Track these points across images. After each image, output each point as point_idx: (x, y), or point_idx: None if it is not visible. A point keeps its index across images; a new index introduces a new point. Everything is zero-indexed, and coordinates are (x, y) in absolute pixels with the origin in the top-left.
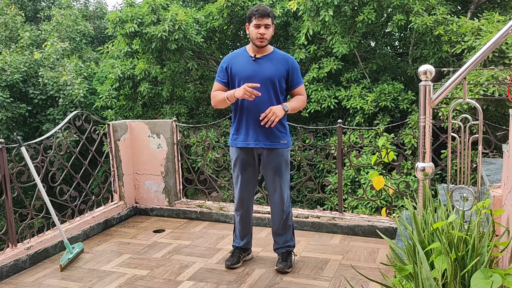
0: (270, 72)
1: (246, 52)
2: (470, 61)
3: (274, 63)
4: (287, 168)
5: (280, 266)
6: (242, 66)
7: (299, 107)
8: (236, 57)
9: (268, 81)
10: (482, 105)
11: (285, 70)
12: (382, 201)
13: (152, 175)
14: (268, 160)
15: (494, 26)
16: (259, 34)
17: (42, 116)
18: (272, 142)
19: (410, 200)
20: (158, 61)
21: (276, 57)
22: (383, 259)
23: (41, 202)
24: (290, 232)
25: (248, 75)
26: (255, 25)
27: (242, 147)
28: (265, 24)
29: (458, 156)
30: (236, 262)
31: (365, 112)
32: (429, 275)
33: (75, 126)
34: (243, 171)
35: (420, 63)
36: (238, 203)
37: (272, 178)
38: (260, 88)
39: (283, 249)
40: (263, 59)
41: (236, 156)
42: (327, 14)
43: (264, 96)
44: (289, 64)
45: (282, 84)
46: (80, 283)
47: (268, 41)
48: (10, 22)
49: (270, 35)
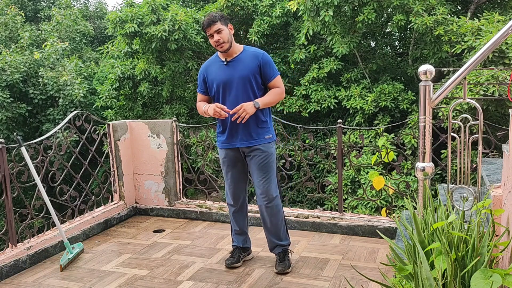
0: (243, 72)
1: (218, 58)
2: (470, 61)
3: (246, 62)
4: (273, 163)
5: (280, 269)
6: (216, 73)
7: (274, 100)
8: (209, 66)
9: (243, 81)
10: (482, 105)
11: (256, 66)
12: (382, 201)
13: (152, 175)
14: (253, 157)
15: (494, 26)
16: (215, 42)
17: (42, 116)
18: (255, 140)
19: (410, 200)
20: (158, 61)
21: (246, 55)
22: (383, 259)
23: (41, 202)
24: (282, 230)
25: (223, 80)
26: (209, 35)
27: (227, 148)
28: (215, 30)
29: (458, 156)
30: (236, 262)
31: (365, 112)
32: (429, 275)
33: (75, 126)
34: (232, 169)
35: (420, 63)
36: (231, 199)
37: (257, 174)
38: (237, 89)
39: (279, 249)
40: (234, 61)
41: (224, 156)
42: (327, 14)
43: (242, 96)
44: (259, 59)
45: (257, 79)
46: (80, 283)
47: (228, 43)
48: (10, 22)
49: (226, 37)
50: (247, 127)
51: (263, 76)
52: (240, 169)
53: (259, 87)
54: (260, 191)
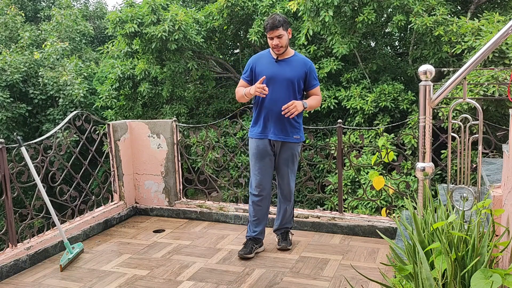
0: (289, 73)
1: (269, 54)
2: (470, 61)
3: (294, 66)
4: (295, 161)
5: (282, 245)
6: (265, 67)
7: (315, 105)
8: (261, 58)
9: (287, 81)
10: (482, 105)
11: (303, 73)
12: (382, 201)
13: (152, 175)
14: (281, 152)
15: (494, 26)
16: (273, 45)
17: (42, 116)
18: (286, 136)
19: (410, 200)
20: (158, 61)
21: (296, 60)
22: (383, 259)
23: (41, 202)
24: (290, 214)
25: (270, 75)
26: (269, 38)
27: (259, 138)
28: (277, 35)
29: (458, 156)
30: (249, 252)
31: (365, 112)
32: (429, 275)
33: (75, 126)
34: (261, 160)
35: (420, 63)
36: (256, 187)
37: (282, 167)
38: (280, 87)
39: (281, 230)
40: (284, 62)
41: (255, 146)
42: (327, 15)
43: (283, 94)
44: (307, 67)
45: (300, 84)
46: (80, 283)
47: (285, 48)
48: (10, 22)
49: (285, 42)
50: (281, 123)
51: (307, 83)
52: (268, 161)
53: (299, 91)
54: (283, 182)
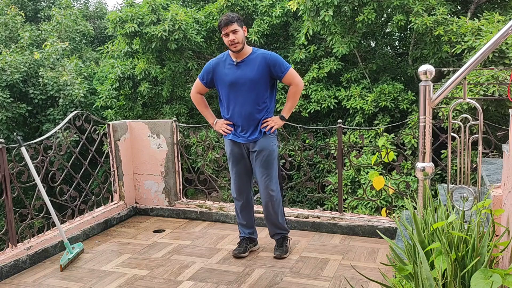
0: (251, 74)
1: (229, 57)
2: (470, 61)
3: (255, 64)
4: (273, 162)
5: (277, 254)
6: (225, 73)
7: (294, 102)
8: (220, 63)
9: (251, 83)
10: (482, 105)
11: (266, 68)
12: (382, 201)
13: (152, 175)
14: (256, 154)
15: (494, 26)
16: (230, 41)
17: (42, 116)
18: (258, 135)
19: (410, 200)
20: (158, 61)
21: (256, 57)
22: (383, 259)
23: (41, 202)
24: (281, 218)
25: (232, 81)
26: (224, 34)
27: (233, 141)
28: (231, 30)
29: (458, 156)
30: (243, 252)
31: (365, 112)
32: (429, 275)
33: (75, 126)
34: (236, 164)
35: (420, 63)
36: (235, 191)
37: (257, 171)
38: (246, 90)
39: (278, 236)
40: (244, 63)
41: (229, 151)
42: (327, 14)
43: (250, 96)
44: (267, 60)
45: (267, 81)
46: (80, 283)
47: (242, 44)
48: (10, 22)
49: (241, 38)
50: (251, 125)
51: (274, 75)
52: (243, 165)
53: (267, 88)
54: (260, 187)
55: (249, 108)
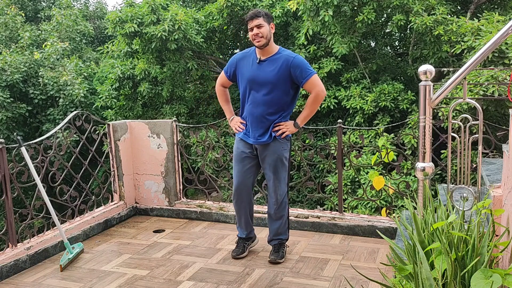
0: (271, 75)
1: (254, 53)
2: (470, 61)
3: (276, 65)
4: (283, 166)
5: (272, 258)
6: (247, 69)
7: (311, 111)
8: (244, 58)
9: (269, 84)
10: (482, 105)
11: (287, 71)
12: (382, 201)
13: (152, 175)
14: (265, 157)
15: (494, 26)
16: (253, 35)
17: (42, 116)
18: (268, 139)
19: (410, 200)
20: (158, 61)
21: (279, 58)
22: (383, 259)
23: (41, 202)
24: (285, 224)
25: (251, 78)
26: (249, 28)
27: (241, 139)
28: (256, 24)
29: (458, 156)
30: (241, 252)
31: (365, 112)
32: (429, 275)
33: (75, 126)
34: (239, 162)
35: (420, 63)
36: (234, 190)
37: (267, 174)
38: (263, 90)
39: (275, 241)
40: (267, 62)
41: (236, 147)
42: (327, 14)
43: (266, 97)
44: (289, 63)
45: (287, 84)
46: (80, 283)
47: (266, 39)
48: (10, 22)
49: (266, 33)
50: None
51: (295, 79)
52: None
53: (287, 92)
54: (268, 190)
55: (262, 109)
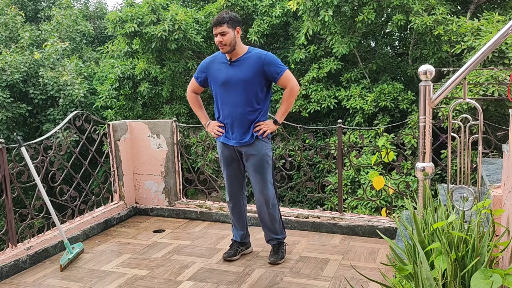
0: (244, 74)
1: (223, 55)
2: (470, 61)
3: (249, 64)
4: (267, 166)
5: (272, 260)
6: (218, 71)
7: (288, 106)
8: (214, 61)
9: (243, 83)
10: (482, 105)
11: (260, 68)
12: (382, 201)
13: (152, 175)
14: (248, 158)
15: (494, 26)
16: (218, 43)
17: (42, 116)
18: (250, 139)
19: (410, 200)
20: (158, 61)
21: (250, 57)
22: (383, 259)
23: (41, 202)
24: (279, 224)
25: (224, 80)
26: (214, 35)
27: (224, 143)
28: (220, 32)
29: (458, 156)
30: (233, 255)
31: (365, 112)
32: (429, 275)
33: (75, 126)
34: (227, 166)
35: (420, 63)
36: (227, 194)
37: (251, 175)
38: (237, 90)
39: (274, 241)
40: (238, 62)
41: (220, 152)
42: (327, 14)
43: (242, 97)
44: (262, 61)
45: (261, 82)
46: (80, 283)
47: (230, 46)
48: (10, 22)
49: (229, 40)
50: (242, 127)
51: (269, 76)
52: (235, 167)
53: (262, 89)
54: (255, 191)
55: (240, 109)
